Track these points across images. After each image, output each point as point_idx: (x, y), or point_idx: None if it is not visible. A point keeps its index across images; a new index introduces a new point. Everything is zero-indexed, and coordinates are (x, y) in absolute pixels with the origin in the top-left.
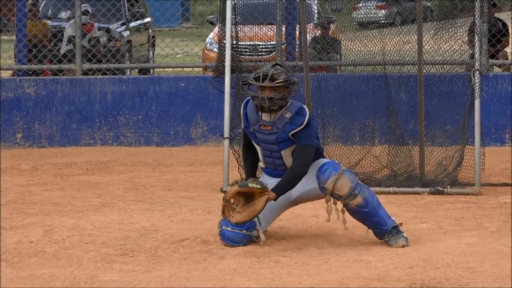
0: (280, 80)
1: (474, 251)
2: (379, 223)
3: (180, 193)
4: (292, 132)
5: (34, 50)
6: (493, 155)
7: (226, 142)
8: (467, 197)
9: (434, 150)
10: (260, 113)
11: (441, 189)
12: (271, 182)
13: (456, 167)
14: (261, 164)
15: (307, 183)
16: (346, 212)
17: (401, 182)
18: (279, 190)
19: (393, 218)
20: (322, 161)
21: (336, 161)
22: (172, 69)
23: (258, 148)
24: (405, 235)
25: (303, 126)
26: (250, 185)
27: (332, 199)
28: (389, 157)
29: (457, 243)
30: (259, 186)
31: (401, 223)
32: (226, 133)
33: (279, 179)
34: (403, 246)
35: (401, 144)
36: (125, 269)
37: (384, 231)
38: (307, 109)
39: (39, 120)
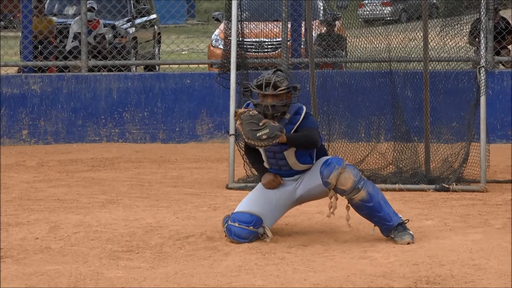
0: (283, 88)
1: (479, 248)
2: (385, 219)
3: (185, 189)
4: (292, 130)
5: (39, 46)
6: (499, 152)
7: (232, 138)
8: (472, 194)
9: (439, 147)
10: None
11: (446, 186)
12: None
13: (462, 164)
14: (265, 165)
15: (311, 181)
16: (350, 209)
17: (407, 179)
18: (292, 137)
19: (400, 215)
20: (325, 157)
21: (339, 157)
22: (177, 65)
23: (261, 150)
24: (411, 232)
25: (299, 121)
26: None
27: (335, 195)
28: (395, 154)
29: (463, 240)
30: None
31: (408, 220)
32: (232, 130)
33: (284, 178)
34: (408, 243)
35: (407, 141)
36: (131, 266)
37: (390, 227)
38: (304, 108)
39: (45, 116)
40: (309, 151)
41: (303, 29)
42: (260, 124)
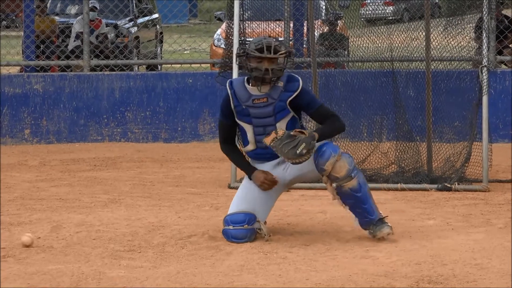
0: (283, 51)
1: (481, 247)
2: (368, 212)
3: (187, 189)
4: (290, 99)
5: (42, 46)
6: (501, 151)
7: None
8: (474, 193)
9: (441, 146)
10: (249, 86)
11: (448, 185)
12: (262, 167)
13: (464, 164)
14: (248, 148)
15: (303, 165)
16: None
17: (409, 178)
18: (323, 134)
19: (380, 211)
20: (319, 143)
21: (334, 144)
22: (179, 65)
23: (248, 127)
24: (389, 224)
25: (299, 90)
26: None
27: (329, 181)
28: (397, 154)
29: (465, 239)
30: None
31: (387, 216)
32: None
33: (269, 163)
34: (388, 234)
35: (409, 140)
36: (133, 265)
37: (371, 220)
38: (298, 76)
39: (47, 116)
40: (299, 125)
41: (305, 28)
42: (294, 138)
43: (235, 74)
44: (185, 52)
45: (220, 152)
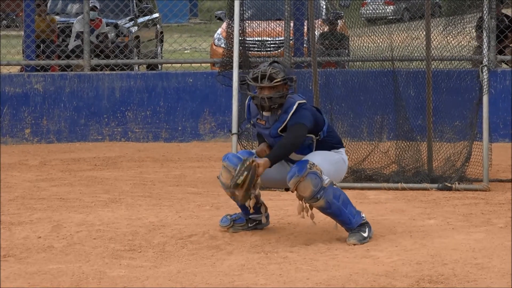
0: (279, 79)
1: (482, 247)
2: (344, 222)
3: (188, 188)
4: (280, 128)
5: (42, 45)
6: (501, 151)
7: (234, 137)
8: (475, 193)
9: (442, 146)
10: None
11: (449, 185)
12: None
13: (464, 163)
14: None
15: (282, 171)
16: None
17: (409, 178)
18: (272, 157)
19: (363, 215)
20: (311, 154)
21: (309, 163)
22: (180, 64)
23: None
24: (364, 234)
25: (286, 121)
26: (240, 179)
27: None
28: (397, 153)
29: (465, 239)
30: (244, 174)
31: (366, 222)
32: (234, 129)
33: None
34: (354, 244)
35: (409, 140)
36: (133, 265)
37: (348, 228)
38: (297, 104)
39: (47, 115)
40: (306, 143)
41: (305, 28)
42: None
43: (235, 75)
44: (186, 51)
45: (220, 151)
